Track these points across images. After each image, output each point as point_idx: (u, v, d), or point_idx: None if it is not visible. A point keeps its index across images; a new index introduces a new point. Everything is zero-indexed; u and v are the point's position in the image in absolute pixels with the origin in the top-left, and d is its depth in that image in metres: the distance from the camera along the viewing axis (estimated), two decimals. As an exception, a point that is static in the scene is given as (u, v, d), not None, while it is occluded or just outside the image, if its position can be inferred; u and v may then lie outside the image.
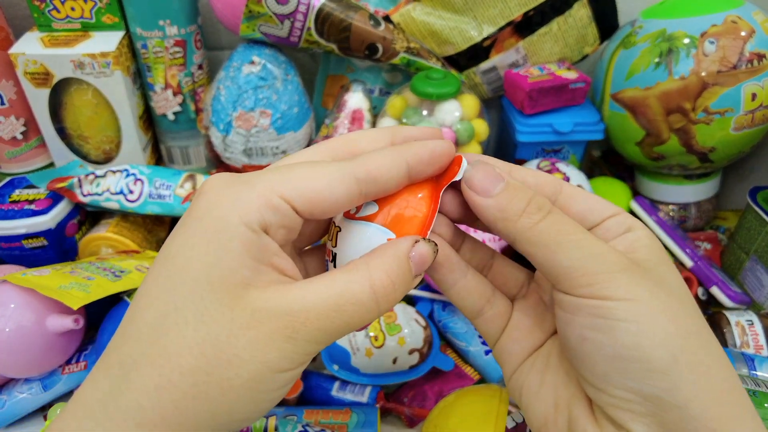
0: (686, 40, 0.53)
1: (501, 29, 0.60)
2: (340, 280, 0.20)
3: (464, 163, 0.23)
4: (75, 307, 0.41)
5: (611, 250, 0.21)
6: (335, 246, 0.23)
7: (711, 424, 0.19)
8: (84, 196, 0.54)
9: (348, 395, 0.47)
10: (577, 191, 0.24)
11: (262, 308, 0.18)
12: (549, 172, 0.57)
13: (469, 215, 0.24)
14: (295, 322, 0.19)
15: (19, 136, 0.60)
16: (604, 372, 0.20)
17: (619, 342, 0.20)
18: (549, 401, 0.23)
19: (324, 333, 0.19)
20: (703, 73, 0.52)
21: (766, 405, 0.40)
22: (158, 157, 0.67)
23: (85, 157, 0.61)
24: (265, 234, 0.20)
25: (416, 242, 0.21)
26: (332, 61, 0.65)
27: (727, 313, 0.51)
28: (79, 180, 0.54)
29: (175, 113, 0.61)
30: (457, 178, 0.23)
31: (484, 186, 0.22)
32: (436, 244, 0.22)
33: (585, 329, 0.21)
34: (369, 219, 0.22)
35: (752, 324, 0.50)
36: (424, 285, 0.57)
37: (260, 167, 0.60)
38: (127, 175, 0.55)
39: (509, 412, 0.40)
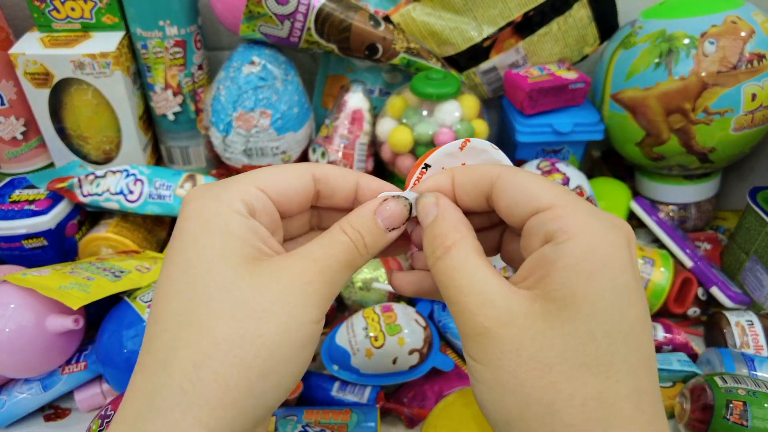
0: (686, 41, 0.53)
1: (501, 29, 0.60)
2: (322, 236, 0.23)
3: (448, 146, 0.25)
4: (75, 308, 0.41)
5: (482, 304, 0.20)
6: None
7: None
8: (84, 196, 0.54)
9: (348, 395, 0.47)
10: (511, 179, 0.22)
11: (275, 269, 0.21)
12: (549, 172, 0.57)
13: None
14: (308, 266, 0.21)
15: (19, 137, 0.60)
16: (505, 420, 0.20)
17: (485, 408, 0.20)
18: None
19: (332, 270, 0.22)
20: (703, 74, 0.52)
21: (766, 405, 0.40)
22: (158, 158, 0.67)
23: (85, 158, 0.61)
24: (253, 218, 0.22)
25: (384, 200, 0.24)
26: (332, 62, 0.65)
27: (727, 314, 0.51)
28: (79, 180, 0.54)
29: (175, 113, 0.62)
30: (447, 149, 0.25)
31: (424, 213, 0.24)
32: (407, 199, 0.24)
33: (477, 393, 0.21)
34: None
35: (752, 324, 0.50)
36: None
37: (260, 167, 0.60)
38: (127, 176, 0.55)
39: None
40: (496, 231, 0.26)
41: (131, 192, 0.55)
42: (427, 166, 0.25)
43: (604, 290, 0.19)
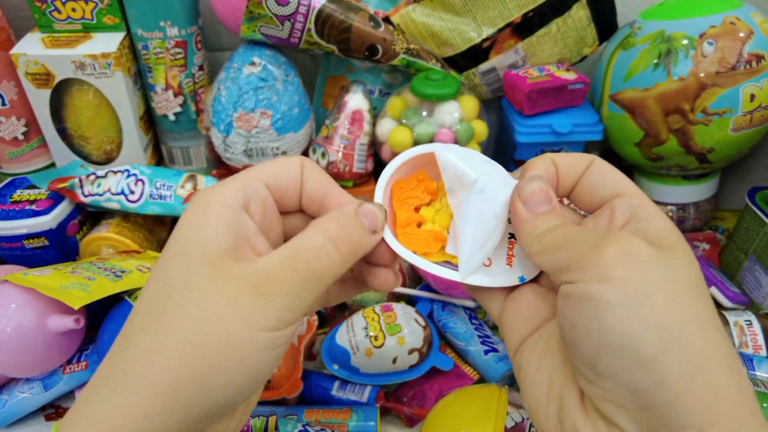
0: (685, 41, 0.53)
1: (500, 30, 0.60)
2: (296, 238, 0.22)
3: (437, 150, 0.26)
4: (76, 307, 0.41)
5: (602, 233, 0.21)
6: None
7: (702, 423, 0.18)
8: (85, 196, 0.54)
9: (348, 395, 0.47)
10: (603, 164, 0.24)
11: (235, 273, 0.21)
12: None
13: None
14: (263, 278, 0.21)
15: (21, 137, 0.60)
16: (592, 361, 0.20)
17: (605, 327, 0.19)
18: (543, 386, 0.23)
19: (291, 284, 0.21)
20: (702, 74, 0.52)
21: (765, 405, 0.40)
22: (159, 158, 0.67)
23: (86, 158, 0.61)
24: (245, 212, 0.22)
25: (360, 204, 0.24)
26: (332, 62, 0.66)
27: (726, 314, 0.52)
28: (80, 180, 0.54)
29: (175, 114, 0.62)
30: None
31: (533, 203, 0.24)
32: (382, 206, 0.25)
33: (575, 315, 0.20)
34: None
35: (751, 324, 0.50)
36: (424, 285, 0.57)
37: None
38: (128, 176, 0.55)
39: (508, 412, 0.40)
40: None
41: (132, 192, 0.55)
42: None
43: (679, 257, 0.21)
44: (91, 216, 0.58)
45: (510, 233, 0.26)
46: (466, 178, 0.25)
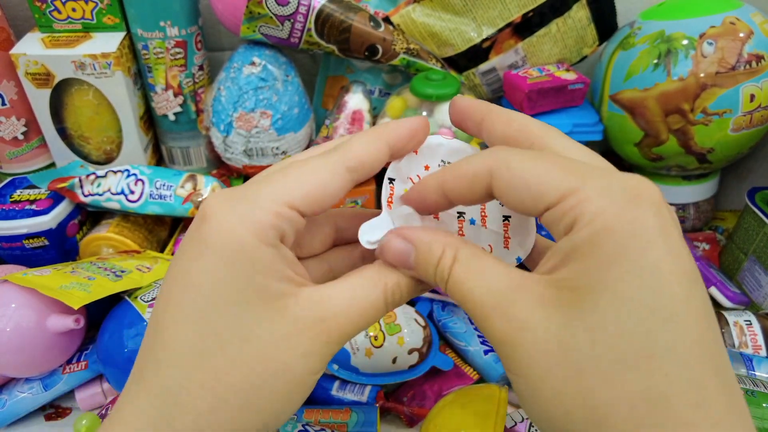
0: (685, 42, 0.53)
1: (500, 30, 0.60)
2: (360, 287, 0.21)
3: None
4: (76, 307, 0.41)
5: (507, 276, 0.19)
6: None
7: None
8: (85, 196, 0.54)
9: (348, 395, 0.47)
10: (507, 175, 0.19)
11: (299, 317, 0.20)
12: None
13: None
14: (330, 328, 0.20)
15: (20, 137, 0.60)
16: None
17: (526, 409, 0.18)
18: None
19: (349, 335, 0.20)
20: (702, 75, 0.52)
21: (764, 405, 0.40)
22: (159, 158, 0.67)
23: (86, 158, 0.61)
24: (282, 245, 0.20)
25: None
26: (332, 62, 0.66)
27: (726, 314, 0.52)
28: (80, 180, 0.54)
29: (175, 114, 0.62)
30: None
31: (399, 261, 0.22)
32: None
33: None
34: None
35: (750, 324, 0.50)
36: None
37: (260, 168, 0.60)
38: (128, 176, 0.55)
39: (508, 412, 0.40)
40: None
41: (132, 192, 0.55)
42: (391, 179, 0.24)
43: (627, 273, 0.16)
44: (91, 216, 0.58)
45: (504, 215, 0.24)
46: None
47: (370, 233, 0.23)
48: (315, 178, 0.20)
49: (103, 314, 0.47)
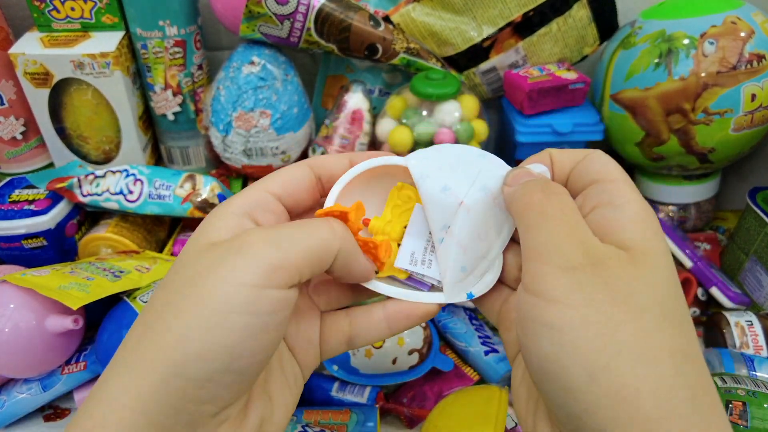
0: (686, 41, 0.53)
1: (501, 30, 0.60)
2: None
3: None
4: (74, 308, 0.41)
5: (572, 239, 0.20)
6: None
7: None
8: (83, 196, 0.54)
9: (347, 396, 0.47)
10: (595, 156, 0.24)
11: (229, 246, 0.21)
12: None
13: None
14: (264, 232, 0.21)
15: (19, 137, 0.60)
16: (536, 380, 0.20)
17: (542, 352, 0.19)
18: (523, 399, 0.23)
19: (288, 239, 0.21)
20: (703, 74, 0.52)
21: (765, 405, 0.40)
22: (158, 158, 0.67)
23: (84, 158, 0.61)
24: (247, 218, 0.23)
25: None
26: (332, 62, 0.65)
27: (727, 314, 0.51)
28: (79, 180, 0.54)
29: (174, 113, 0.61)
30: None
31: (514, 179, 0.24)
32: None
33: (521, 334, 0.20)
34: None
35: (752, 324, 0.50)
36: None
37: (260, 168, 0.60)
38: (127, 176, 0.55)
39: (508, 413, 0.40)
40: None
41: (131, 192, 0.55)
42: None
43: (656, 257, 0.20)
44: (89, 216, 0.58)
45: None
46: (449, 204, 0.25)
47: None
48: (285, 172, 0.25)
49: (102, 315, 0.47)
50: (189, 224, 0.61)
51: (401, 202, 0.27)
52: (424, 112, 0.56)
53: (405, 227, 0.26)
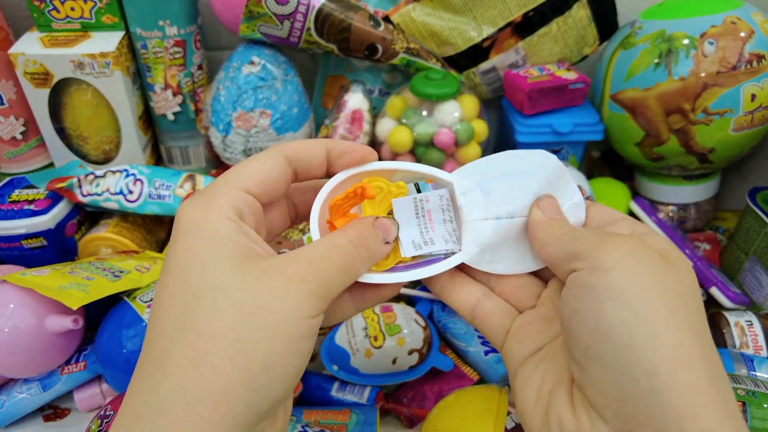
0: (686, 41, 0.53)
1: (501, 30, 0.60)
2: (322, 240, 0.24)
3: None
4: (74, 307, 0.41)
5: (612, 232, 0.23)
6: None
7: (682, 412, 0.19)
8: (83, 196, 0.54)
9: (347, 396, 0.47)
10: (600, 207, 0.27)
11: (270, 267, 0.21)
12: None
13: None
14: (303, 268, 0.21)
15: (19, 137, 0.60)
16: (587, 345, 0.21)
17: (601, 313, 0.20)
18: (534, 388, 0.24)
19: (328, 273, 0.22)
20: (703, 74, 0.52)
21: (765, 405, 0.40)
22: (158, 158, 0.67)
23: (84, 158, 0.61)
24: (242, 221, 0.23)
25: (377, 218, 0.26)
26: (332, 62, 0.65)
27: (727, 314, 0.51)
28: (79, 180, 0.54)
29: (174, 113, 0.61)
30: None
31: (548, 209, 0.27)
32: (396, 221, 0.26)
33: (576, 301, 0.22)
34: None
35: (751, 324, 0.50)
36: (423, 286, 0.57)
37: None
38: (127, 176, 0.55)
39: (509, 413, 0.40)
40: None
41: (131, 192, 0.55)
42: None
43: (687, 269, 0.22)
44: (89, 216, 0.58)
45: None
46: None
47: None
48: (259, 165, 0.24)
49: (102, 315, 0.47)
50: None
51: (375, 193, 0.27)
52: (424, 112, 0.56)
53: (389, 213, 0.27)
